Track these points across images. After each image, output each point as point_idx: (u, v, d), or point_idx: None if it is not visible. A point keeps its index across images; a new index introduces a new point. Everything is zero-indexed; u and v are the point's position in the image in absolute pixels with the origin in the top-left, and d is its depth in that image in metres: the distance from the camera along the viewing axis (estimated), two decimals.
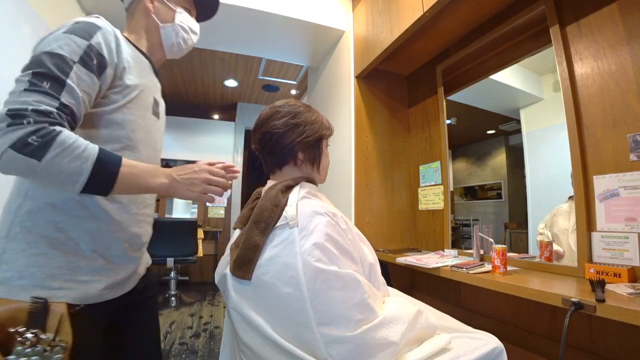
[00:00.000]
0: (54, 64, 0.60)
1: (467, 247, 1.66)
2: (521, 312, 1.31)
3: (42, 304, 0.61)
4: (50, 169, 0.56)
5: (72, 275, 0.66)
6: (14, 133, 0.53)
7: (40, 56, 0.61)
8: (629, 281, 0.93)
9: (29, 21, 1.40)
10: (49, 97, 0.58)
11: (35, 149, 0.54)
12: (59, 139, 0.56)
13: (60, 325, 0.62)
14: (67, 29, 0.65)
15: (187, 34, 0.90)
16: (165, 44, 0.89)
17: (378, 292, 0.72)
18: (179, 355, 2.26)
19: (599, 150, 1.08)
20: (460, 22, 1.58)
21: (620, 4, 1.05)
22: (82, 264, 0.68)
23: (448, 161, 1.79)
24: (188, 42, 0.92)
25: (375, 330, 0.62)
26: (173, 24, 0.87)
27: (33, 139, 0.54)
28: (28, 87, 0.57)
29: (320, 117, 0.85)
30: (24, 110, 0.55)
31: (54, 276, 0.64)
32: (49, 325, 0.61)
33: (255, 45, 2.46)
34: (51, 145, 0.55)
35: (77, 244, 0.67)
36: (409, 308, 0.71)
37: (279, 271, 0.64)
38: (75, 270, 0.67)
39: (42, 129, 0.55)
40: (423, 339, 0.71)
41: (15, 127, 0.53)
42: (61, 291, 0.64)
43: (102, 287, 0.70)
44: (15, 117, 0.54)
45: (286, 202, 0.72)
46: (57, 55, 0.61)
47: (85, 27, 0.67)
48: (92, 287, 0.69)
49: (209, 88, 4.49)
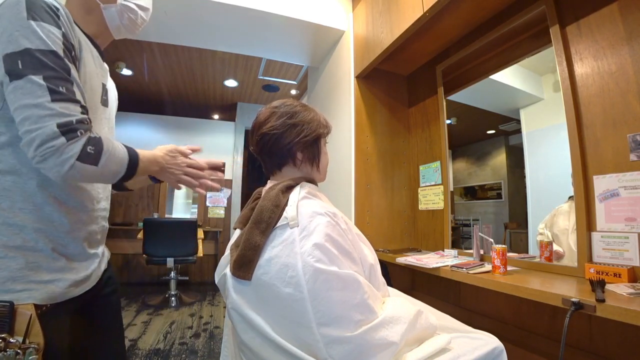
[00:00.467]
0: (54, 62, 0.60)
1: (467, 247, 1.66)
2: (521, 312, 1.31)
3: (7, 308, 0.59)
4: (104, 171, 0.64)
5: (34, 276, 0.64)
6: (76, 145, 0.59)
7: (32, 53, 0.58)
8: (629, 281, 0.93)
9: None
10: (74, 102, 0.61)
11: (94, 156, 0.61)
12: (104, 145, 0.63)
13: (30, 327, 0.60)
14: (27, 11, 0.59)
15: (133, 14, 0.81)
16: (109, 25, 0.80)
17: (378, 293, 0.72)
18: (179, 355, 2.27)
19: (599, 150, 1.09)
20: (460, 22, 1.58)
21: (620, 4, 1.05)
22: (43, 263, 0.66)
23: (448, 161, 1.79)
24: (137, 22, 0.84)
25: (375, 331, 0.62)
26: (116, 4, 0.78)
27: (90, 148, 0.61)
28: (53, 97, 0.58)
29: (318, 115, 0.85)
30: (70, 122, 0.59)
31: (15, 278, 0.62)
32: (17, 328, 0.59)
33: (255, 45, 2.46)
34: (102, 152, 0.63)
35: (35, 245, 0.65)
36: (408, 308, 0.71)
37: (279, 271, 0.64)
38: (37, 270, 0.65)
39: (91, 138, 0.62)
40: (423, 339, 0.71)
41: (74, 140, 0.59)
42: (25, 292, 0.62)
43: (67, 285, 0.69)
44: (69, 132, 0.58)
45: (287, 203, 0.72)
46: (51, 53, 0.60)
47: (47, 9, 0.61)
48: (56, 285, 0.67)
49: (209, 88, 4.49)
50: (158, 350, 2.35)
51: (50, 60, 0.59)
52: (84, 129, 0.61)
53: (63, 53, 0.62)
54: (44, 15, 0.61)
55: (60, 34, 0.62)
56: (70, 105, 0.60)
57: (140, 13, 0.84)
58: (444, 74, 1.81)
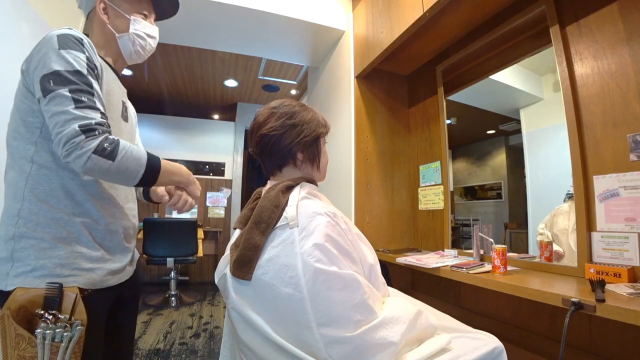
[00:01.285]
0: (78, 79, 0.71)
1: (467, 247, 1.66)
2: (521, 312, 1.31)
3: (57, 288, 0.71)
4: (121, 167, 0.71)
5: (78, 264, 0.76)
6: (94, 141, 0.68)
7: (61, 74, 0.70)
8: (629, 281, 0.93)
9: (28, 21, 1.40)
10: (94, 109, 0.71)
11: (110, 152, 0.69)
12: (121, 144, 0.71)
13: (75, 307, 0.72)
14: (59, 44, 0.73)
15: (143, 41, 0.93)
16: (123, 52, 0.93)
17: (378, 293, 0.72)
18: (179, 355, 2.27)
19: (599, 150, 1.08)
20: (460, 22, 1.58)
21: (620, 4, 1.05)
22: (85, 253, 0.77)
23: (448, 161, 1.79)
24: (146, 48, 0.95)
25: (375, 331, 0.62)
26: (128, 33, 0.90)
27: (107, 145, 0.69)
28: (77, 105, 0.69)
29: (317, 115, 0.85)
30: (90, 124, 0.68)
31: (63, 265, 0.74)
32: (64, 307, 0.71)
33: (255, 45, 2.46)
34: (118, 149, 0.70)
35: (78, 237, 0.77)
36: (408, 308, 0.71)
37: (279, 271, 0.64)
38: (80, 259, 0.76)
39: (108, 137, 0.70)
40: (423, 339, 0.71)
41: (92, 137, 0.68)
42: (71, 277, 0.74)
43: (104, 274, 0.80)
44: (88, 131, 0.68)
45: (286, 203, 0.72)
46: (76, 72, 0.72)
47: (72, 39, 0.76)
48: (96, 273, 0.78)
49: (209, 88, 4.49)
50: (158, 350, 2.35)
51: (75, 77, 0.71)
52: (101, 130, 0.70)
53: (87, 71, 0.73)
54: (71, 44, 0.74)
55: (84, 57, 0.75)
56: (90, 111, 0.70)
57: (149, 40, 0.95)
58: (444, 74, 1.81)
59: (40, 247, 0.73)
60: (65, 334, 0.68)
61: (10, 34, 1.30)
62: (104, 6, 0.89)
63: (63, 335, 0.67)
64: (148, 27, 0.94)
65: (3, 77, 1.26)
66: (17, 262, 0.72)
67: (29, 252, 0.72)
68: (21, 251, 0.72)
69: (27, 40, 1.40)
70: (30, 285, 0.70)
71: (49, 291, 0.70)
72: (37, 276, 0.71)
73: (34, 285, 0.70)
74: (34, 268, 0.72)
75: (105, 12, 0.89)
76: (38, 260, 0.72)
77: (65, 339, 0.68)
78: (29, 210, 0.74)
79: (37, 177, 0.74)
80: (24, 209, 0.74)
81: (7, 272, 0.72)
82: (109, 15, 0.89)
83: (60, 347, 0.67)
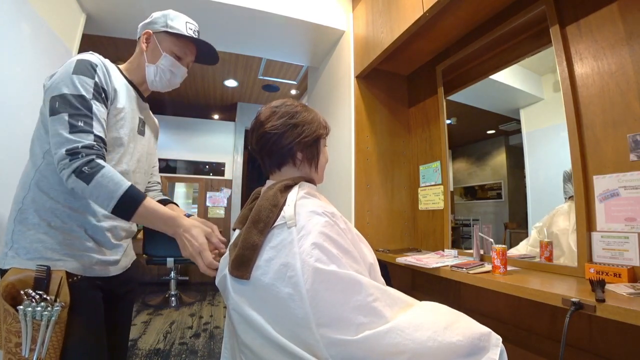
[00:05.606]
0: (80, 103, 0.80)
1: (467, 247, 1.66)
2: (521, 312, 1.31)
3: (45, 271, 0.79)
4: (93, 192, 0.77)
5: (69, 250, 0.84)
6: (75, 164, 0.76)
7: (65, 97, 0.80)
8: (629, 281, 0.93)
9: (28, 21, 1.40)
10: (86, 133, 0.79)
11: (86, 176, 0.76)
12: (101, 172, 0.77)
13: (60, 289, 0.79)
14: (74, 69, 0.83)
15: (165, 75, 1.03)
16: (147, 78, 1.03)
17: (400, 295, 0.67)
18: (179, 355, 2.27)
19: (599, 150, 1.08)
20: (460, 22, 1.58)
21: (620, 4, 1.05)
22: (76, 242, 0.86)
23: (448, 161, 1.79)
24: (164, 81, 1.04)
25: (383, 337, 0.58)
26: (155, 65, 1.01)
27: (86, 168, 0.76)
28: (71, 130, 0.78)
29: (318, 116, 0.85)
30: (76, 148, 0.77)
31: (54, 250, 0.82)
32: (51, 289, 0.79)
33: (255, 45, 2.46)
34: (95, 176, 0.76)
35: (71, 228, 0.86)
36: (441, 315, 0.65)
37: (278, 271, 0.64)
38: (71, 246, 0.85)
39: (91, 161, 0.77)
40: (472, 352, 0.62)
41: (75, 160, 0.76)
42: (60, 262, 0.82)
43: (93, 262, 0.88)
44: (73, 154, 0.76)
45: (284, 202, 0.72)
46: (79, 96, 0.81)
47: (87, 65, 0.85)
48: (85, 260, 0.87)
49: (209, 88, 4.49)
50: (158, 350, 2.35)
51: (77, 101, 0.80)
52: (86, 153, 0.77)
53: (92, 96, 0.83)
54: (84, 70, 0.84)
55: (92, 83, 0.84)
56: (83, 135, 0.79)
57: (170, 77, 1.04)
58: (444, 74, 1.81)
59: (36, 232, 0.82)
60: (45, 313, 0.74)
61: (10, 33, 1.30)
62: (147, 37, 1.00)
63: (43, 314, 0.74)
64: (175, 66, 1.03)
65: (3, 76, 1.26)
66: (15, 243, 0.82)
67: (25, 235, 0.82)
68: (19, 234, 0.82)
69: (27, 40, 1.40)
70: (23, 266, 0.79)
71: (38, 273, 0.78)
72: (29, 258, 0.80)
73: (26, 267, 0.79)
74: (28, 251, 0.81)
75: (146, 42, 1.00)
76: (32, 244, 0.81)
77: (45, 317, 0.74)
78: (31, 199, 0.84)
79: (45, 171, 0.85)
80: (27, 198, 0.84)
81: (6, 252, 0.82)
82: (147, 46, 1.00)
83: (41, 325, 0.74)
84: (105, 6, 1.89)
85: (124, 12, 1.94)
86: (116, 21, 2.04)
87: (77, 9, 1.85)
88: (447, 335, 0.60)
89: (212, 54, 1.11)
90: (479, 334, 0.64)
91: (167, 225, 0.84)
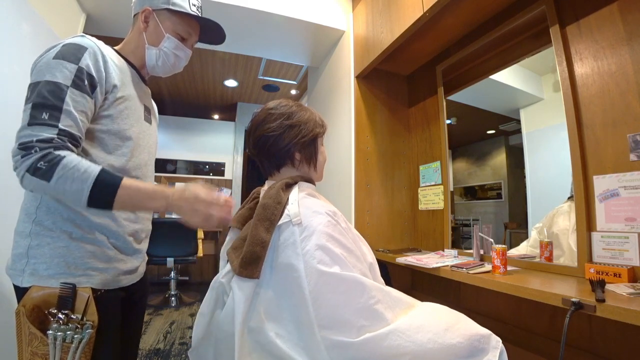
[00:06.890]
0: (49, 91, 0.69)
1: (467, 247, 1.66)
2: (521, 312, 1.30)
3: (71, 289, 0.72)
4: (58, 188, 0.66)
5: (91, 264, 0.77)
6: (28, 160, 0.65)
7: (37, 85, 0.70)
8: (629, 281, 0.93)
9: (29, 21, 1.40)
10: (48, 126, 0.67)
11: (44, 172, 0.65)
12: (62, 163, 0.66)
13: (87, 307, 0.73)
14: (56, 54, 0.73)
15: (168, 59, 0.93)
16: (147, 63, 0.93)
17: (403, 297, 0.67)
18: (179, 355, 2.26)
19: (599, 150, 1.08)
20: (460, 22, 1.58)
21: (620, 4, 1.05)
22: (99, 254, 0.78)
23: (448, 161, 1.79)
24: (168, 66, 0.94)
25: (383, 339, 0.58)
26: (158, 48, 0.91)
27: (41, 164, 0.65)
28: (30, 121, 0.67)
29: (314, 115, 0.85)
30: (30, 142, 0.65)
31: (77, 265, 0.75)
32: (77, 307, 0.72)
33: (255, 45, 2.46)
34: (56, 169, 0.65)
35: (94, 237, 0.78)
36: (442, 317, 0.65)
37: (283, 272, 0.64)
38: (93, 259, 0.77)
39: (48, 155, 0.65)
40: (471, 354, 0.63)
41: (28, 156, 0.65)
42: (84, 277, 0.75)
43: (117, 274, 0.82)
44: (26, 149, 0.65)
45: (288, 200, 0.72)
46: (52, 83, 0.70)
47: (73, 50, 0.74)
48: (109, 273, 0.80)
49: (209, 88, 4.49)
50: (158, 350, 2.35)
51: (46, 90, 0.69)
52: (40, 147, 0.65)
53: (72, 83, 0.71)
54: (67, 54, 0.73)
55: (73, 69, 0.72)
56: (43, 128, 0.67)
57: (174, 60, 0.94)
58: (444, 74, 1.81)
59: (56, 246, 0.74)
60: (76, 336, 0.69)
61: (10, 33, 1.30)
62: (147, 15, 0.89)
63: (74, 337, 0.69)
64: (180, 49, 0.93)
65: (3, 76, 1.26)
66: (32, 258, 0.73)
67: (44, 250, 0.73)
68: (36, 248, 0.73)
69: (27, 40, 1.40)
70: (45, 284, 0.72)
71: (63, 291, 0.72)
72: (51, 275, 0.73)
73: (49, 285, 0.72)
74: (49, 266, 0.73)
75: (145, 21, 0.89)
76: (53, 259, 0.73)
77: (76, 340, 0.69)
78: (46, 208, 0.75)
79: None
80: (41, 207, 0.75)
81: (23, 268, 0.73)
82: (147, 25, 0.89)
83: (71, 347, 0.69)
84: (105, 6, 1.88)
85: (124, 12, 1.93)
86: (116, 21, 2.04)
87: (77, 9, 1.85)
88: (447, 337, 0.61)
89: (219, 32, 1.01)
90: (479, 335, 0.64)
91: (155, 199, 0.73)
